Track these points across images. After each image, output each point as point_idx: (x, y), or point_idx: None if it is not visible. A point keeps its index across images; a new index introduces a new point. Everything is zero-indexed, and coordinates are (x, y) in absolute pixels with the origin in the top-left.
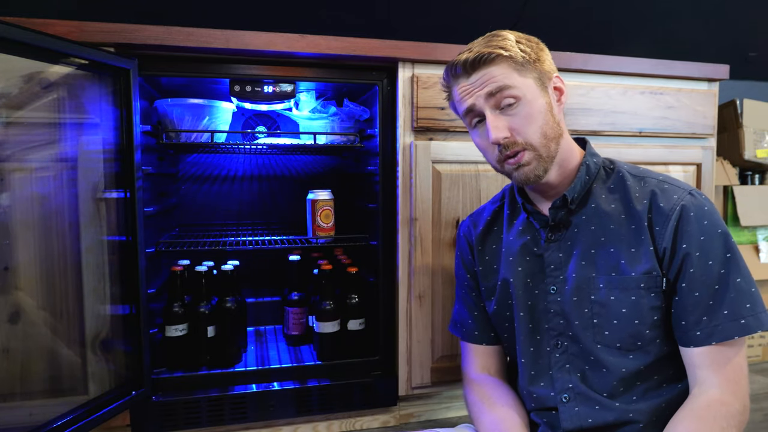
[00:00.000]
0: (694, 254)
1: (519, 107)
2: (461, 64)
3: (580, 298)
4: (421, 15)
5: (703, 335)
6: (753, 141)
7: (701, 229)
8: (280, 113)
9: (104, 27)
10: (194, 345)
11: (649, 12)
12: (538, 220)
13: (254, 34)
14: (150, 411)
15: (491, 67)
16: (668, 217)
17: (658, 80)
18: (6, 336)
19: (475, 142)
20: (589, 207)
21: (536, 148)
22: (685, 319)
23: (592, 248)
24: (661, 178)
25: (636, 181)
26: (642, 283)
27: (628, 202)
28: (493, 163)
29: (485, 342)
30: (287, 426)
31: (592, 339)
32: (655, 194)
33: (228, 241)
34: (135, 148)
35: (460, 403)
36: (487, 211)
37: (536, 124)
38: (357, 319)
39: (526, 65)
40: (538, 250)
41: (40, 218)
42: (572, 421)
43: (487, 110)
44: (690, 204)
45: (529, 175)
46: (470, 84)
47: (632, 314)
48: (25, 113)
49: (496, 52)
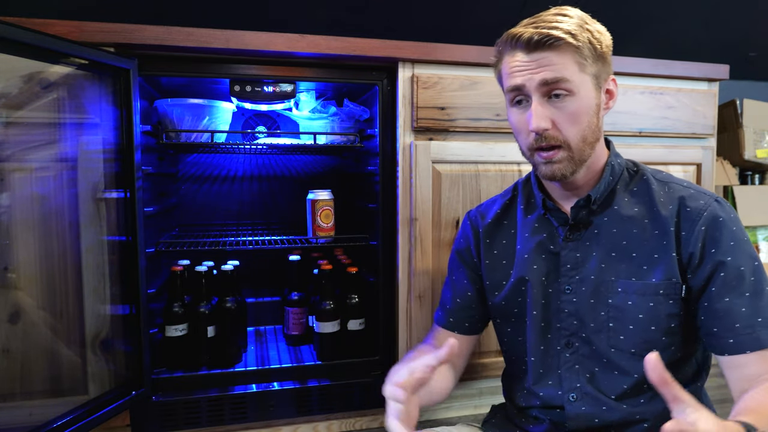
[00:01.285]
0: (725, 260)
1: (568, 102)
2: (524, 39)
3: (597, 301)
4: (421, 15)
5: (736, 343)
6: (753, 141)
7: (731, 235)
8: (280, 113)
9: (104, 27)
10: (194, 345)
11: (649, 12)
12: (557, 217)
13: (254, 34)
14: (150, 411)
15: (554, 53)
16: (695, 222)
17: (658, 80)
18: (6, 336)
19: (510, 119)
20: (612, 209)
21: (572, 148)
22: (716, 326)
23: (612, 251)
24: (685, 184)
25: (660, 185)
26: (661, 289)
27: (652, 206)
28: (523, 148)
29: (457, 330)
30: (287, 426)
31: (606, 342)
32: (682, 199)
33: (228, 241)
34: (135, 148)
35: (460, 403)
36: (497, 203)
37: (580, 125)
38: (357, 319)
39: (589, 60)
40: (555, 248)
41: (40, 218)
42: (578, 421)
43: (536, 96)
44: (718, 210)
45: (556, 173)
46: (527, 62)
47: (649, 320)
48: (25, 113)
49: (564, 39)
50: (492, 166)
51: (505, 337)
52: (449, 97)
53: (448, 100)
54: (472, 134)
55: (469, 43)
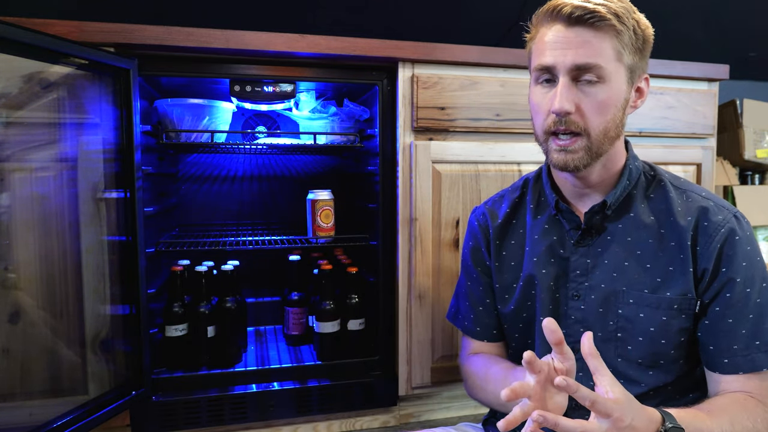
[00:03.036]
0: (735, 279)
1: (598, 89)
2: (566, 11)
3: (606, 310)
4: (421, 15)
5: (731, 363)
6: (753, 141)
7: (745, 255)
8: (280, 113)
9: (104, 27)
10: (194, 345)
11: (648, 12)
12: (569, 220)
13: (254, 34)
14: (150, 411)
15: (596, 33)
16: (712, 237)
17: (657, 80)
18: (6, 336)
19: (531, 98)
20: (627, 216)
21: (591, 139)
22: (713, 344)
23: (626, 260)
24: (704, 194)
25: (679, 194)
26: (676, 304)
27: (669, 215)
28: (539, 130)
29: (486, 339)
30: (287, 426)
31: (614, 352)
32: (703, 211)
33: (228, 241)
34: (135, 148)
35: (460, 403)
36: (506, 201)
37: (605, 116)
38: (357, 319)
39: (627, 50)
40: (564, 252)
41: (40, 218)
42: None
43: (564, 78)
44: (736, 227)
45: (569, 163)
46: (563, 38)
47: (659, 334)
48: (25, 113)
49: (609, 19)
50: (492, 166)
51: (514, 342)
52: (449, 97)
53: (448, 100)
54: (472, 134)
55: (469, 43)
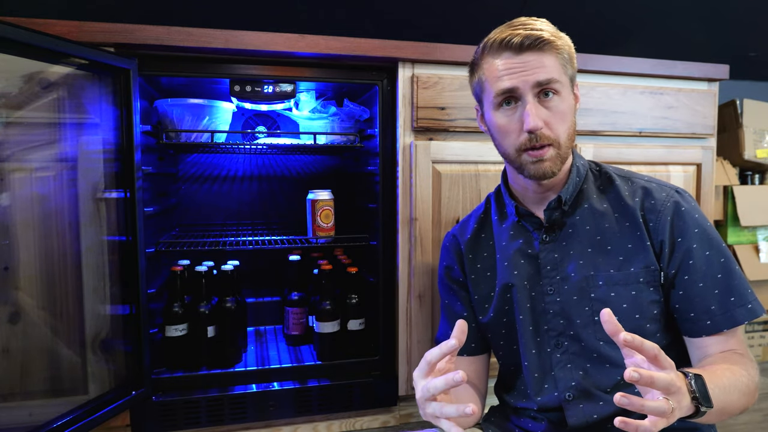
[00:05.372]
0: (692, 246)
1: (557, 102)
2: (515, 42)
3: (580, 297)
4: (421, 15)
5: (713, 324)
6: (753, 141)
7: (695, 222)
8: (280, 113)
9: (104, 27)
10: (194, 345)
11: (649, 12)
12: (531, 222)
13: (254, 34)
14: (150, 411)
15: (544, 55)
16: (660, 212)
17: (658, 80)
18: (6, 336)
19: (494, 122)
20: (583, 207)
21: (560, 146)
22: (692, 311)
23: (589, 247)
24: (646, 178)
25: (623, 180)
26: (641, 277)
27: (619, 200)
28: (509, 149)
29: (465, 352)
30: (287, 426)
31: (594, 336)
32: (645, 191)
33: (228, 241)
34: (135, 148)
35: None
36: (473, 219)
37: (566, 123)
38: (357, 319)
39: (568, 64)
40: (533, 251)
41: (40, 218)
42: (578, 418)
43: (530, 97)
44: (680, 200)
45: (547, 171)
46: (517, 64)
47: (633, 309)
48: (25, 113)
49: (550, 40)
50: (492, 166)
51: (501, 350)
52: (449, 97)
53: (448, 100)
54: (472, 134)
55: (469, 43)
